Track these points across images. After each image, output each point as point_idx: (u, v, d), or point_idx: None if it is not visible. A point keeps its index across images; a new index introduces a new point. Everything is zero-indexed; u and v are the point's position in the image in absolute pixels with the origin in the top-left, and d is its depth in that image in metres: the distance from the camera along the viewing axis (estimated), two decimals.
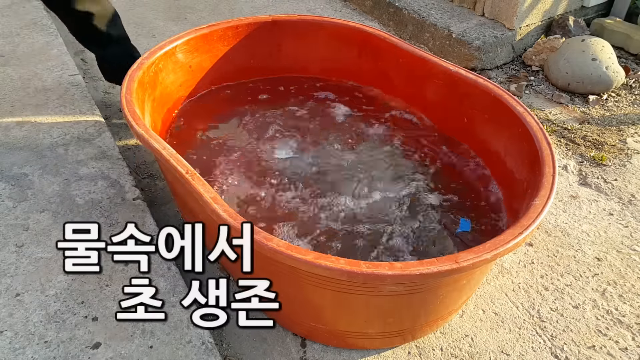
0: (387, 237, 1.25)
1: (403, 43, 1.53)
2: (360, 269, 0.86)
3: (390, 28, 2.42)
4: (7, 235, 1.27)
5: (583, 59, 1.96)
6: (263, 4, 2.57)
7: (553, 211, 1.52)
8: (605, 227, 1.47)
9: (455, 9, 2.29)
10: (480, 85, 1.36)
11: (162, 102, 1.49)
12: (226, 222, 0.93)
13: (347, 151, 1.50)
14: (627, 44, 2.21)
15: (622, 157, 1.71)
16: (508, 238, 0.93)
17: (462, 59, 2.09)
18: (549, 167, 1.10)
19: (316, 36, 1.69)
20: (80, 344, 1.06)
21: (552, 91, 2.02)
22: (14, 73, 1.85)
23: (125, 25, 1.71)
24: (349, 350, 1.14)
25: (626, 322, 1.23)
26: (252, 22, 1.64)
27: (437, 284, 0.98)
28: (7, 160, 1.49)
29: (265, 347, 1.14)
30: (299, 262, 0.88)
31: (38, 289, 1.16)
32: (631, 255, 1.39)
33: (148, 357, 1.05)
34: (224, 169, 1.42)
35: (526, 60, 2.16)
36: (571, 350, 1.17)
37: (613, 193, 1.58)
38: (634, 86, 2.06)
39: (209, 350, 1.07)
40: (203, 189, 1.00)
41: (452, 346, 1.16)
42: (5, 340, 1.06)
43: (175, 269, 1.23)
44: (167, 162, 1.07)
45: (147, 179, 1.57)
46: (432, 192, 1.37)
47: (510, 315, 1.23)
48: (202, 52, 1.58)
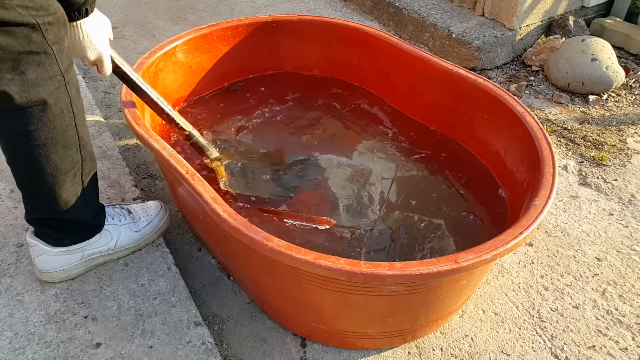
0: (387, 236, 1.25)
1: (403, 43, 1.53)
2: (360, 269, 0.86)
3: (390, 28, 2.42)
4: (7, 235, 1.27)
5: (583, 59, 1.96)
6: (263, 4, 2.57)
7: (553, 211, 1.52)
8: (605, 227, 1.47)
9: (455, 9, 2.28)
10: (480, 85, 1.36)
11: None
12: (226, 222, 0.93)
13: (347, 151, 1.50)
14: (627, 44, 2.21)
15: (622, 157, 1.71)
16: (508, 238, 0.93)
17: (462, 59, 2.09)
18: (549, 167, 1.10)
19: (316, 36, 1.69)
20: (80, 344, 1.06)
21: (552, 91, 2.02)
22: None
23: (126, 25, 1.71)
24: (349, 350, 1.14)
25: (626, 322, 1.23)
26: (252, 22, 1.64)
27: (437, 284, 0.98)
28: None
29: (265, 347, 1.14)
30: (299, 262, 0.88)
31: (38, 289, 1.16)
32: (631, 255, 1.39)
33: (148, 357, 1.05)
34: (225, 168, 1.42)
35: (526, 60, 2.16)
36: (571, 350, 1.17)
37: (613, 193, 1.58)
38: (634, 86, 2.05)
39: (209, 350, 1.07)
40: (203, 189, 1.00)
41: (452, 346, 1.16)
42: (5, 340, 1.06)
43: (175, 269, 1.23)
44: (167, 162, 1.07)
45: (147, 179, 1.57)
46: (431, 192, 1.37)
47: (510, 315, 1.23)
48: (202, 52, 1.58)
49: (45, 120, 0.93)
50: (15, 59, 0.85)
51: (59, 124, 0.95)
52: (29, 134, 0.93)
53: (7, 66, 0.85)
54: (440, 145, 1.50)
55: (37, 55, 0.87)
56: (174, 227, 1.39)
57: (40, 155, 0.96)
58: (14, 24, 0.82)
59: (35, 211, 1.07)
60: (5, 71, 0.85)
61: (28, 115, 0.91)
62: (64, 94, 0.94)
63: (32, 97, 0.89)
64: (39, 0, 0.85)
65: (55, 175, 1.00)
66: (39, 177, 0.99)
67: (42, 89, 0.90)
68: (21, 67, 0.86)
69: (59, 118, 0.95)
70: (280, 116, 1.62)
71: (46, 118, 0.93)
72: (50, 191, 1.02)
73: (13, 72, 0.86)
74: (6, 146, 0.98)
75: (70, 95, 0.96)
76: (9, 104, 0.88)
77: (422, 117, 1.57)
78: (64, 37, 0.91)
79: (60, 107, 0.94)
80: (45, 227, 1.11)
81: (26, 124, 0.92)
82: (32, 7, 0.84)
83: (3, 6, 0.80)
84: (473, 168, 1.43)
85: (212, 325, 1.18)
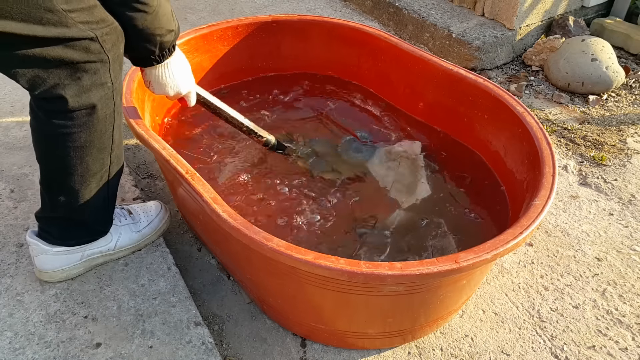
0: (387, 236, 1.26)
1: (403, 43, 1.53)
2: (360, 269, 0.86)
3: (390, 28, 2.42)
4: (7, 235, 1.27)
5: (583, 59, 1.96)
6: (263, 4, 2.57)
7: (553, 211, 1.52)
8: (605, 227, 1.47)
9: (455, 9, 2.28)
10: (480, 85, 1.36)
11: (162, 102, 1.49)
12: (226, 222, 0.93)
13: (346, 151, 1.50)
14: (627, 44, 2.21)
15: (622, 157, 1.71)
16: (508, 238, 0.93)
17: (462, 59, 2.09)
18: (549, 167, 1.10)
19: (316, 36, 1.69)
20: (80, 344, 1.06)
21: (552, 91, 2.02)
22: None
23: None
24: (349, 350, 1.14)
25: (626, 322, 1.23)
26: (252, 22, 1.64)
27: (437, 284, 0.98)
28: (7, 160, 1.49)
29: (265, 347, 1.14)
30: (299, 262, 0.88)
31: (38, 289, 1.16)
32: (631, 255, 1.39)
33: (148, 357, 1.05)
34: (224, 168, 1.42)
35: (526, 60, 2.16)
36: (571, 350, 1.17)
37: (613, 193, 1.58)
38: (634, 86, 2.06)
39: (209, 350, 1.07)
40: (203, 189, 1.00)
41: (452, 346, 1.16)
42: (5, 340, 1.06)
43: (175, 269, 1.23)
44: (167, 162, 1.07)
45: (147, 179, 1.57)
46: (431, 192, 1.37)
47: (510, 315, 1.23)
48: (202, 52, 1.58)
49: (89, 124, 0.97)
50: (74, 67, 0.90)
51: (100, 128, 0.99)
52: (71, 136, 0.97)
53: (65, 73, 0.90)
54: (440, 145, 1.50)
55: (94, 63, 0.92)
56: (174, 227, 1.39)
57: (76, 156, 1.00)
58: (76, 39, 0.87)
59: (53, 209, 1.08)
60: (64, 77, 0.90)
61: (75, 118, 0.95)
62: (111, 100, 0.98)
63: (83, 101, 0.94)
64: (99, 13, 0.90)
65: (84, 176, 1.03)
66: (69, 177, 1.02)
67: (93, 94, 0.94)
68: (78, 73, 0.91)
69: (102, 122, 0.99)
70: (281, 116, 1.61)
71: (90, 122, 0.97)
72: (75, 191, 1.04)
73: (70, 78, 0.91)
74: (44, 146, 1.01)
75: (115, 101, 1.00)
76: (63, 107, 0.93)
77: (422, 116, 1.57)
78: (119, 45, 0.95)
79: (105, 113, 0.98)
80: (53, 226, 1.12)
81: (71, 127, 0.96)
82: (93, 21, 0.89)
83: (66, 25, 0.85)
84: (473, 167, 1.43)
85: (212, 325, 1.18)
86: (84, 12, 0.87)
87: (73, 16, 0.86)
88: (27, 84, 0.90)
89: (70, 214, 1.08)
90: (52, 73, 0.89)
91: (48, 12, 0.83)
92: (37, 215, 1.13)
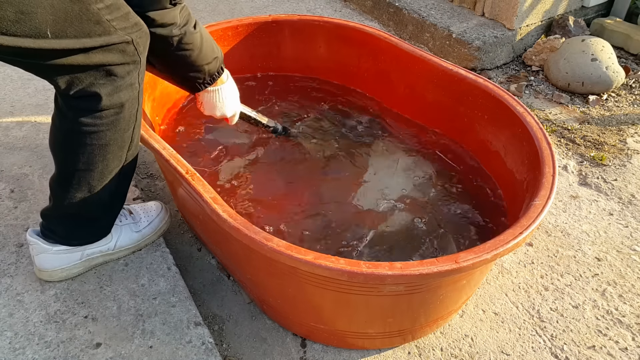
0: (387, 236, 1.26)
1: (403, 43, 1.53)
2: (360, 269, 0.86)
3: (390, 28, 2.42)
4: (7, 235, 1.27)
5: (583, 59, 1.96)
6: (263, 4, 2.57)
7: (553, 211, 1.52)
8: (605, 227, 1.47)
9: (455, 9, 2.28)
10: (480, 85, 1.36)
11: (162, 102, 1.49)
12: (226, 222, 0.93)
13: (346, 150, 1.50)
14: (627, 44, 2.21)
15: (622, 157, 1.71)
16: (508, 238, 0.93)
17: (462, 59, 2.09)
18: (549, 167, 1.10)
19: (316, 36, 1.69)
20: (80, 344, 1.06)
21: (552, 91, 2.02)
22: (14, 73, 1.85)
23: None
24: (349, 350, 1.14)
25: (626, 322, 1.23)
26: (252, 22, 1.64)
27: (437, 284, 0.98)
28: (7, 160, 1.49)
29: (265, 347, 1.14)
30: (299, 262, 0.88)
31: (38, 289, 1.16)
32: (631, 255, 1.39)
33: (148, 357, 1.05)
34: (224, 168, 1.42)
35: (526, 60, 2.16)
36: (571, 350, 1.17)
37: (613, 193, 1.58)
38: (634, 86, 2.06)
39: (209, 350, 1.07)
40: (203, 189, 1.00)
41: (452, 346, 1.16)
42: (5, 341, 1.06)
43: (175, 269, 1.23)
44: (167, 162, 1.07)
45: (147, 179, 1.57)
46: (431, 192, 1.37)
47: (510, 315, 1.23)
48: None
49: (115, 122, 0.99)
50: (110, 67, 0.94)
51: (123, 127, 1.01)
52: (97, 134, 0.99)
53: (102, 73, 0.94)
54: (440, 144, 1.50)
55: (127, 65, 0.96)
56: (174, 227, 1.39)
57: (100, 154, 1.02)
58: (115, 43, 0.92)
59: (65, 207, 1.08)
60: (100, 77, 0.94)
61: (104, 117, 0.97)
62: (136, 101, 1.01)
63: (115, 100, 0.97)
64: (132, 18, 0.95)
65: (103, 172, 1.05)
66: (89, 174, 1.04)
67: (123, 94, 0.97)
68: (113, 74, 0.95)
69: (126, 121, 1.01)
70: (281, 116, 1.61)
71: (117, 121, 0.99)
72: (92, 187, 1.06)
73: (106, 78, 0.94)
74: (68, 144, 1.02)
75: (139, 102, 1.03)
76: (96, 106, 0.96)
77: (422, 117, 1.57)
78: (147, 48, 1.00)
79: (130, 112, 1.01)
80: (60, 225, 1.13)
81: (100, 125, 0.98)
82: (129, 26, 0.93)
83: (109, 33, 0.90)
84: (473, 167, 1.43)
85: (212, 325, 1.18)
86: (122, 19, 0.92)
87: (114, 24, 0.91)
88: (64, 84, 0.92)
89: (81, 211, 1.09)
90: (90, 74, 0.92)
91: (96, 24, 0.88)
92: (44, 213, 1.13)
